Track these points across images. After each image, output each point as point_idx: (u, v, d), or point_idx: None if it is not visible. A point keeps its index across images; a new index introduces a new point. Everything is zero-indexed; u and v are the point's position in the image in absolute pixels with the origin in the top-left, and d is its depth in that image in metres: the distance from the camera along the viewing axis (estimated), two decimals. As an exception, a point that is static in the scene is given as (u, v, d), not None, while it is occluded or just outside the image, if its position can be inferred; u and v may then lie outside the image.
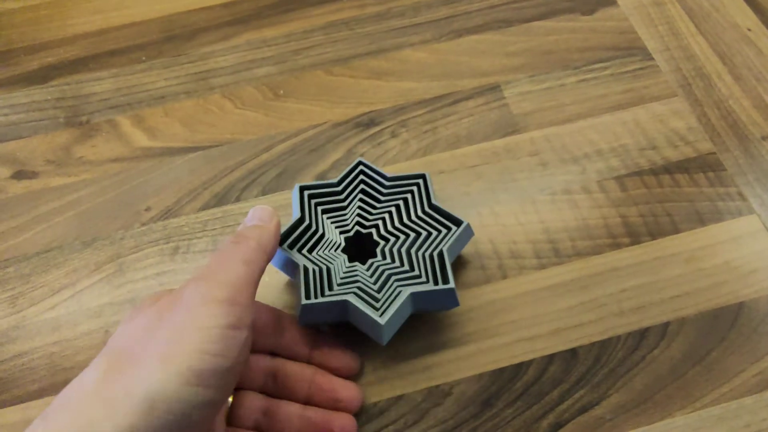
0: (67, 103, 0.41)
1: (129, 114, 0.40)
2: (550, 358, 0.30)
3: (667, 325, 0.31)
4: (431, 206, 0.31)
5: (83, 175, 0.38)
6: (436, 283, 0.28)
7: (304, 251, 0.30)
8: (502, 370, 0.30)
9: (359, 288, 0.29)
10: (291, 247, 0.30)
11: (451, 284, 0.28)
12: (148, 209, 0.36)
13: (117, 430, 0.19)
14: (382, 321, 0.27)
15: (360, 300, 0.28)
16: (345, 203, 0.32)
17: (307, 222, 0.30)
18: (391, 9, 0.43)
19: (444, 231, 0.30)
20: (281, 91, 0.40)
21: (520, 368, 0.30)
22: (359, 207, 0.32)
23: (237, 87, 0.41)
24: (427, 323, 0.31)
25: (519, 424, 0.29)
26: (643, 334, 0.31)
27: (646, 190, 0.35)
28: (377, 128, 0.38)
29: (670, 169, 0.36)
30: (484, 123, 0.38)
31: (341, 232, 0.31)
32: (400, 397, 0.30)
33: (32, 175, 0.38)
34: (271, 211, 0.27)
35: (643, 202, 0.34)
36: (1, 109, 0.40)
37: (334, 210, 0.32)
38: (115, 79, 0.42)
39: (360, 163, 0.32)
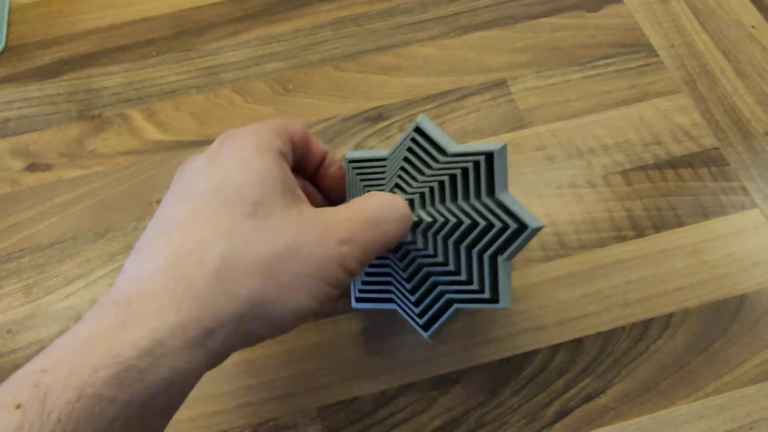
0: (79, 97, 0.41)
1: (140, 108, 0.40)
2: (556, 348, 0.31)
3: (670, 316, 0.31)
4: (492, 195, 0.24)
5: (96, 167, 0.38)
6: (486, 294, 0.24)
7: None
8: (508, 359, 0.31)
9: (393, 282, 0.27)
10: None
11: (506, 303, 0.24)
12: (159, 201, 0.36)
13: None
14: (426, 335, 0.27)
15: (402, 307, 0.27)
16: (385, 169, 0.27)
17: None
18: (399, 5, 0.44)
19: (502, 227, 0.24)
20: (290, 86, 0.41)
21: (526, 357, 0.31)
22: (401, 172, 0.26)
23: (247, 82, 0.41)
24: (434, 313, 0.32)
25: (525, 411, 0.29)
26: (647, 324, 0.31)
27: (651, 184, 0.35)
28: (385, 123, 0.39)
29: (675, 163, 0.36)
30: (491, 118, 0.38)
31: None
32: (408, 386, 0.30)
33: (46, 167, 0.38)
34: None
35: (647, 196, 0.35)
36: (14, 102, 0.41)
37: (373, 178, 0.27)
38: (126, 73, 0.42)
39: (417, 129, 0.26)
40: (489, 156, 0.24)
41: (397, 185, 0.26)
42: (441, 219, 0.24)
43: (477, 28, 0.42)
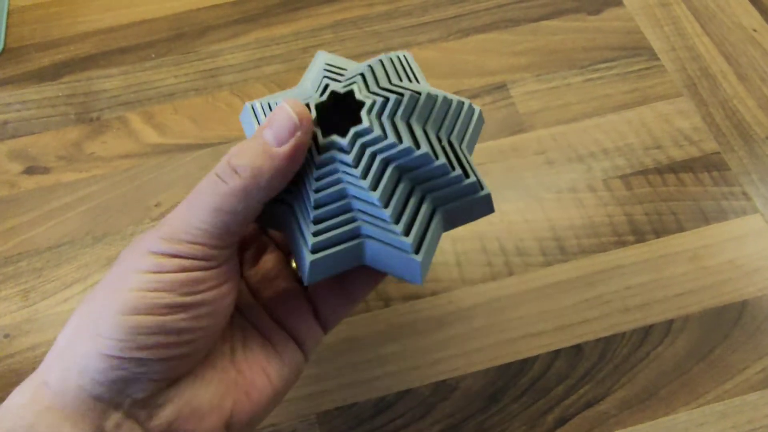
0: (78, 99, 0.41)
1: (139, 111, 0.40)
2: (556, 354, 0.31)
3: (671, 322, 0.31)
4: (459, 143, 0.22)
5: (94, 170, 0.38)
6: (409, 239, 0.20)
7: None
8: (508, 365, 0.30)
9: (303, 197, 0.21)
10: None
11: (422, 259, 0.20)
12: (158, 205, 0.36)
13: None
14: (308, 261, 0.20)
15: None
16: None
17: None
18: (399, 8, 0.44)
19: (457, 176, 0.21)
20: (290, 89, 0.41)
21: (525, 364, 0.30)
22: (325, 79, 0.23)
23: (246, 84, 0.41)
24: (434, 319, 0.32)
25: (524, 418, 0.29)
26: (647, 330, 0.31)
27: (651, 188, 0.35)
28: (385, 126, 0.39)
29: (675, 168, 0.36)
30: (491, 121, 0.38)
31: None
32: (407, 392, 0.30)
33: (44, 170, 0.38)
34: (295, 125, 0.19)
35: (648, 200, 0.35)
36: (12, 105, 0.41)
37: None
38: (125, 76, 0.42)
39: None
40: (470, 108, 0.23)
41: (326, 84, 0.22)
42: (395, 135, 0.20)
43: (477, 31, 0.42)
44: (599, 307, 0.32)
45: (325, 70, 0.24)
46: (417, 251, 0.20)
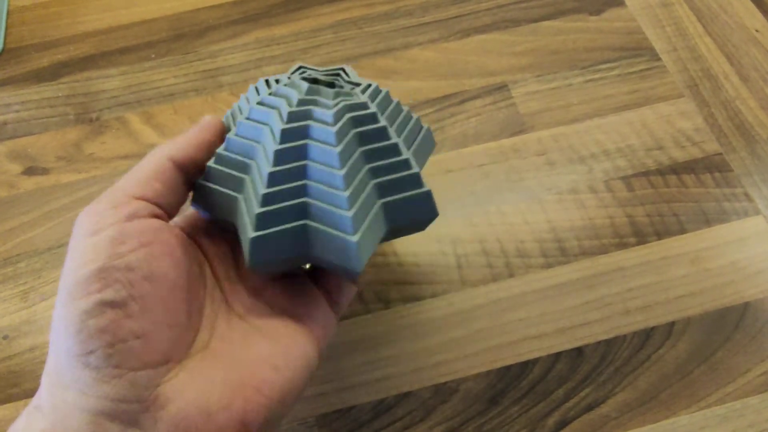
0: (77, 100, 0.41)
1: (138, 111, 0.40)
2: (557, 357, 0.30)
3: (672, 324, 0.31)
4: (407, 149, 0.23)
5: (93, 171, 0.38)
6: (349, 216, 0.20)
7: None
8: (508, 367, 0.30)
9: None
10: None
11: (358, 239, 0.20)
12: (157, 206, 0.36)
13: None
14: (251, 236, 0.20)
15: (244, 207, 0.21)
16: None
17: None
18: (400, 8, 0.44)
19: (405, 159, 0.22)
20: (290, 90, 0.40)
21: (526, 366, 0.30)
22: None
23: (246, 85, 0.41)
24: (434, 321, 0.32)
25: (525, 421, 0.29)
26: (648, 333, 0.31)
27: (653, 190, 0.35)
28: (385, 127, 0.38)
29: (677, 169, 0.36)
30: (492, 122, 0.38)
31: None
32: (407, 394, 0.30)
33: (43, 171, 0.38)
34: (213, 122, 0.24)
35: (649, 202, 0.35)
36: (12, 105, 0.41)
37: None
38: (124, 76, 0.42)
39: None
40: (418, 122, 0.25)
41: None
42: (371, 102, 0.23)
43: (478, 32, 0.42)
44: (600, 310, 0.31)
45: (275, 80, 0.25)
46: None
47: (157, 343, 0.19)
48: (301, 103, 0.22)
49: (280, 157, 0.21)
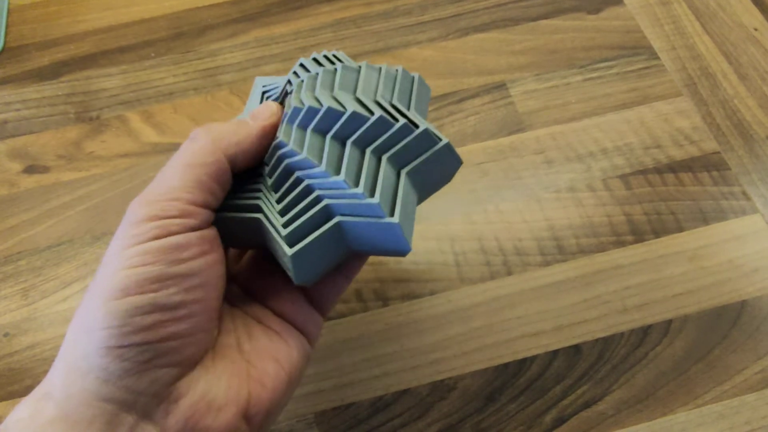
0: (77, 98, 0.41)
1: (138, 110, 0.40)
2: (554, 354, 0.30)
3: (670, 322, 0.31)
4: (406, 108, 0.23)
5: (93, 169, 0.38)
6: (375, 199, 0.19)
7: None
8: (506, 365, 0.30)
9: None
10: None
11: (398, 220, 0.19)
12: (157, 204, 0.37)
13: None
14: (290, 253, 0.19)
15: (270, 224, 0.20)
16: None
17: None
18: (398, 7, 0.44)
19: (403, 125, 0.20)
20: (289, 88, 0.41)
21: (523, 364, 0.30)
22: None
23: (245, 84, 0.41)
24: (432, 318, 0.32)
25: (522, 418, 0.29)
26: (646, 331, 0.31)
27: (651, 188, 0.35)
28: (384, 125, 0.39)
29: (675, 167, 0.36)
30: (490, 121, 0.38)
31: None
32: (405, 391, 0.30)
33: (43, 169, 0.38)
34: (273, 110, 0.23)
35: (647, 200, 0.35)
36: (12, 104, 0.41)
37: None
38: (124, 75, 0.42)
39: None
40: (405, 74, 0.24)
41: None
42: (318, 104, 0.21)
43: (476, 30, 0.42)
44: (598, 307, 0.32)
45: (263, 92, 0.25)
46: (392, 213, 0.19)
47: (192, 345, 0.20)
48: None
49: (272, 173, 0.21)
